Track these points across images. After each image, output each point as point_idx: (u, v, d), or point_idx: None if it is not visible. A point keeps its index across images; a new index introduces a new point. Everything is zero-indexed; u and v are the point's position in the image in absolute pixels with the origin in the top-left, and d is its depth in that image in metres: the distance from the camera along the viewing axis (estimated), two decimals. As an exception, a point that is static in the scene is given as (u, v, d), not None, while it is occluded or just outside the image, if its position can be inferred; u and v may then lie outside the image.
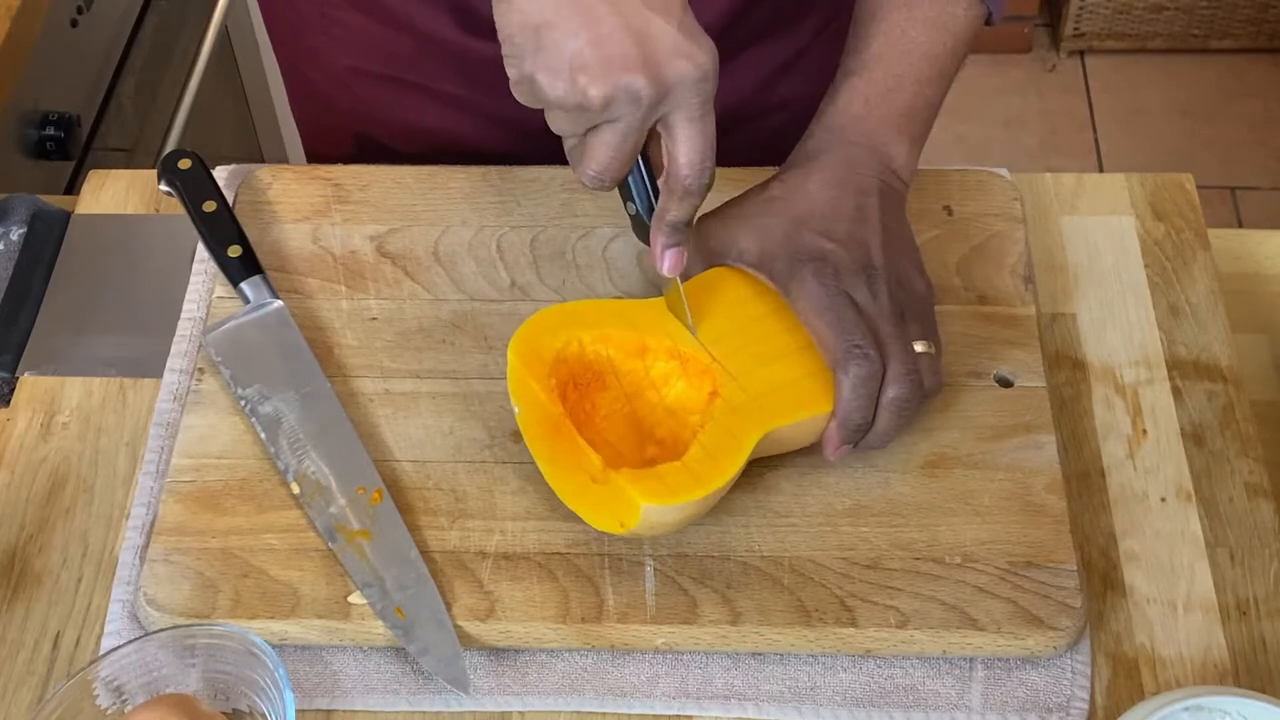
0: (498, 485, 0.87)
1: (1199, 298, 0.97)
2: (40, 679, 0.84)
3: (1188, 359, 0.94)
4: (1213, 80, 2.77)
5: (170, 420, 0.92)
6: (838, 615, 0.81)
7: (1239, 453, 0.90)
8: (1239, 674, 0.82)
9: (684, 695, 0.82)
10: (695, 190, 0.81)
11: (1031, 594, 0.82)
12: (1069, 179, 1.04)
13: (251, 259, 0.96)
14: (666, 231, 0.83)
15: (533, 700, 0.82)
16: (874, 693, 0.81)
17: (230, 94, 1.95)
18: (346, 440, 0.88)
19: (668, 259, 0.84)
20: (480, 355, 0.93)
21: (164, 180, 1.00)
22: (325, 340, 0.94)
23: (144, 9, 1.69)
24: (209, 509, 0.86)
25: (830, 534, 0.84)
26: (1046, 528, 0.84)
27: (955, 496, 0.86)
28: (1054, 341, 0.96)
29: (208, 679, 0.80)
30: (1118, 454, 0.90)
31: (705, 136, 0.79)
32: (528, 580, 0.83)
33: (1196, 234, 1.01)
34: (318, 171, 1.03)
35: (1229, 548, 0.87)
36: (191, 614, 0.82)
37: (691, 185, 0.80)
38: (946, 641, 0.81)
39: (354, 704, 0.82)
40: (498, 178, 1.02)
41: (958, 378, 0.90)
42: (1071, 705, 0.80)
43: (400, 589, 0.82)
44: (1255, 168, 2.64)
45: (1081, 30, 2.78)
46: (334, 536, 0.84)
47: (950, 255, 0.96)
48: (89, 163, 1.52)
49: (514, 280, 0.97)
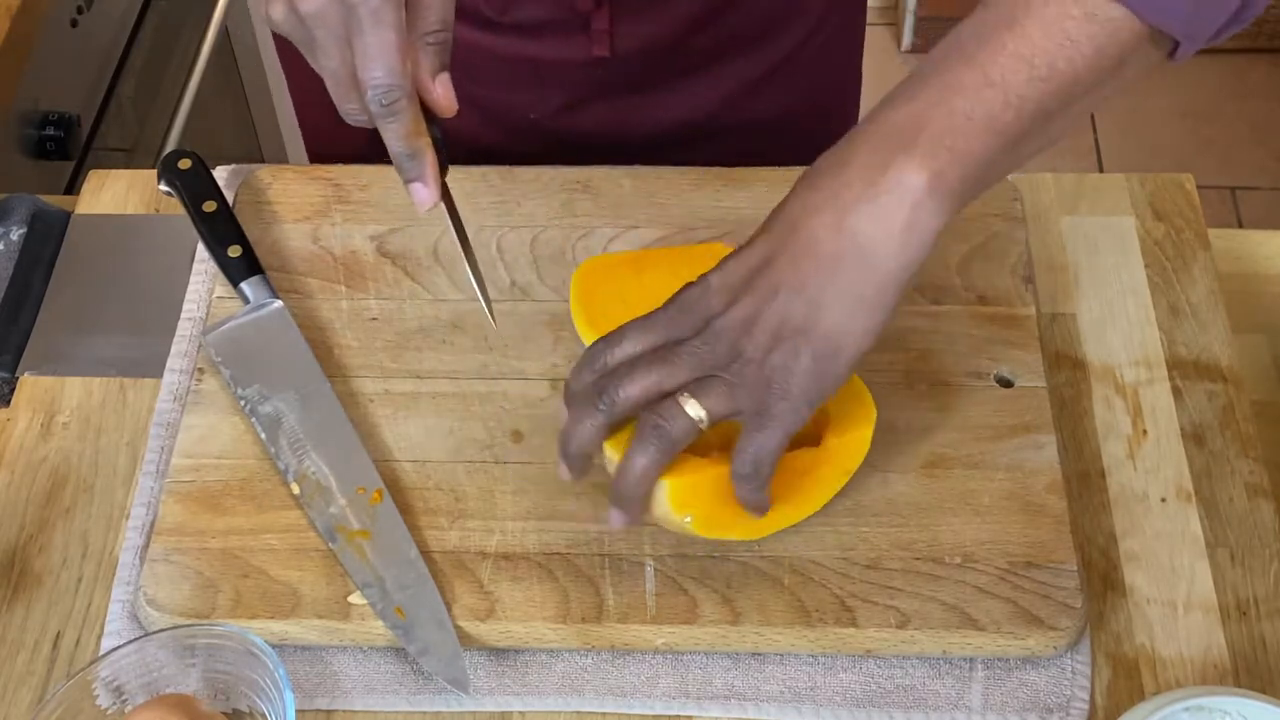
0: (498, 485, 0.87)
1: (1199, 298, 0.97)
2: (40, 679, 0.84)
3: (1188, 359, 0.94)
4: (1213, 80, 2.77)
5: (170, 420, 0.92)
6: (838, 615, 0.81)
7: (1239, 453, 0.90)
8: (1239, 674, 0.82)
9: (684, 695, 0.82)
10: (378, 114, 0.77)
11: (1031, 594, 0.82)
12: (1069, 179, 1.04)
13: (251, 259, 0.96)
14: (396, 166, 0.79)
15: (533, 700, 0.82)
16: (874, 693, 0.81)
17: (230, 94, 1.95)
18: (346, 440, 0.88)
19: (413, 195, 0.80)
20: (480, 355, 0.93)
21: (164, 180, 1.00)
22: (325, 340, 0.94)
23: (144, 9, 1.69)
24: (209, 509, 0.86)
25: (830, 534, 0.84)
26: (1046, 528, 0.84)
27: (955, 496, 0.86)
28: (1054, 341, 0.96)
29: (208, 679, 0.80)
30: (1118, 454, 0.90)
31: (368, 52, 0.75)
32: (528, 580, 0.83)
33: (1196, 234, 1.01)
34: (318, 171, 1.03)
35: (1229, 548, 0.87)
36: (191, 614, 0.82)
37: (373, 108, 0.77)
38: (946, 641, 0.81)
39: (354, 704, 0.82)
40: (497, 178, 1.02)
41: (957, 378, 0.90)
42: (1071, 705, 0.80)
43: (400, 589, 0.82)
44: (1255, 168, 2.64)
45: (1081, 30, 2.77)
46: (334, 536, 0.84)
47: (950, 255, 0.96)
48: (89, 163, 1.52)
49: (514, 280, 0.97)
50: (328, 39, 0.77)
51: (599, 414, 0.76)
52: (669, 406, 0.75)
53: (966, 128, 0.72)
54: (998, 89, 0.73)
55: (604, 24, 1.05)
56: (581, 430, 0.77)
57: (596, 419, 0.76)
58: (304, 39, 0.79)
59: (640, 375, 0.75)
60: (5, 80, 1.39)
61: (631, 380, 0.75)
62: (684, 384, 0.75)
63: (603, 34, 1.06)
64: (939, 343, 0.92)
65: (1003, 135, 0.73)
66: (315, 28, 0.77)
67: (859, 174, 0.73)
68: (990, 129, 0.73)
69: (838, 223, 0.73)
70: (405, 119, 0.78)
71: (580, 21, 1.05)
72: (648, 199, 1.00)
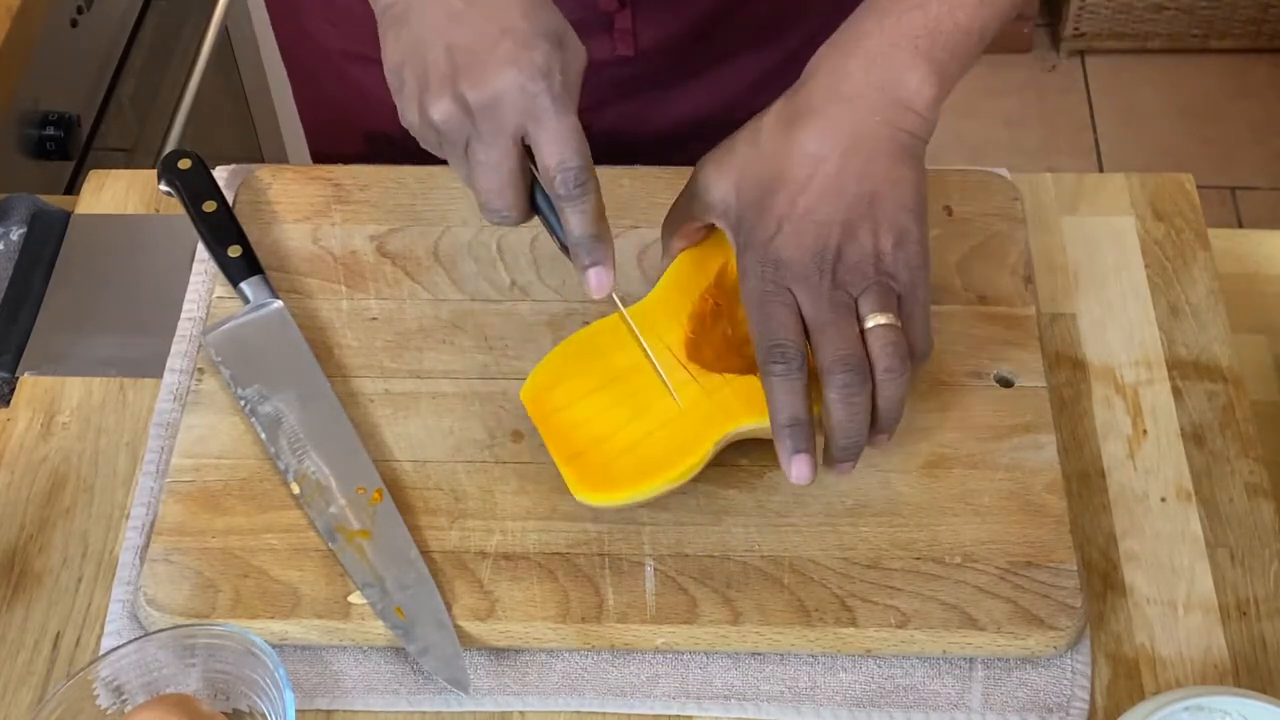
0: (498, 485, 0.87)
1: (1199, 298, 0.97)
2: (40, 679, 0.84)
3: (1188, 359, 0.94)
4: (1213, 80, 2.77)
5: (170, 420, 0.92)
6: (838, 615, 0.81)
7: (1239, 453, 0.90)
8: (1239, 674, 0.82)
9: (684, 695, 0.82)
10: (569, 196, 0.78)
11: (1031, 594, 0.82)
12: (1069, 179, 1.04)
13: (251, 259, 0.96)
14: (576, 250, 0.81)
15: (533, 700, 0.82)
16: (874, 693, 0.81)
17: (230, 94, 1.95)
18: (346, 440, 0.88)
19: (590, 279, 0.81)
20: (480, 355, 0.93)
21: (164, 180, 1.00)
22: (325, 340, 0.94)
23: (144, 9, 1.69)
24: (209, 509, 0.86)
25: (830, 534, 0.84)
26: (1046, 528, 0.84)
27: (955, 496, 0.86)
28: (1054, 341, 0.96)
29: (208, 679, 0.80)
30: (1118, 454, 0.90)
31: (559, 137, 0.77)
32: (528, 580, 0.83)
33: (1196, 234, 1.01)
34: (318, 171, 1.03)
35: (1229, 548, 0.87)
36: (191, 614, 0.82)
37: (561, 191, 0.78)
38: (946, 641, 0.81)
39: (354, 704, 0.82)
40: (498, 178, 1.02)
41: (958, 378, 0.90)
42: (1071, 705, 0.80)
43: (400, 589, 0.82)
44: (1255, 168, 2.64)
45: (1081, 30, 2.78)
46: (334, 536, 0.84)
47: (950, 255, 0.96)
48: (89, 163, 1.52)
49: (514, 280, 0.97)
50: (495, 131, 0.77)
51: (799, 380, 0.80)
52: (876, 334, 0.80)
53: None
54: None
55: (627, 23, 1.05)
56: (795, 397, 0.80)
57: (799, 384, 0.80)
58: (459, 135, 0.79)
59: (835, 329, 0.79)
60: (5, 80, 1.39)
61: (837, 332, 0.79)
62: (858, 312, 0.80)
63: (626, 33, 1.05)
64: (939, 342, 0.92)
65: None
66: (484, 120, 0.77)
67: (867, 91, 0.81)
68: None
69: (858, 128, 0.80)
70: (593, 201, 0.79)
71: (604, 22, 1.05)
72: (648, 199, 1.00)
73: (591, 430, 0.85)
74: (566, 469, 0.84)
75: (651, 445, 0.84)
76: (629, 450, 0.84)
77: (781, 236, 0.81)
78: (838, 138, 0.81)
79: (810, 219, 0.80)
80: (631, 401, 0.85)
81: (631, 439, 0.84)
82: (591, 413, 0.85)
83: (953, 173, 1.01)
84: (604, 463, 0.84)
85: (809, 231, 0.80)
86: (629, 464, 0.83)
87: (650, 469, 0.83)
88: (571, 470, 0.84)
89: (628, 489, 0.83)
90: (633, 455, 0.83)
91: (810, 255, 0.80)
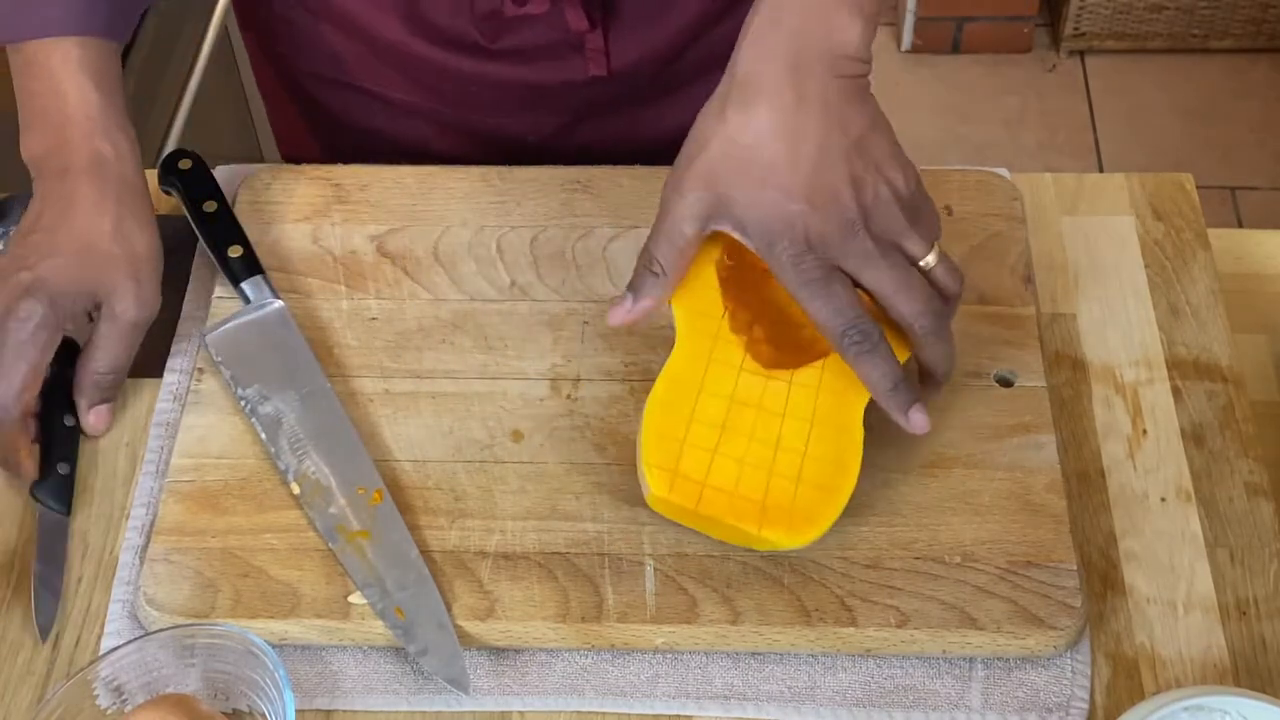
0: (497, 485, 0.87)
1: (1199, 298, 0.97)
2: (40, 679, 0.84)
3: (1188, 359, 0.94)
4: (1213, 80, 2.77)
5: (170, 420, 0.92)
6: (838, 615, 0.81)
7: (1239, 453, 0.90)
8: (1239, 674, 0.82)
9: (684, 695, 0.82)
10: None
11: (1031, 594, 0.82)
12: (1069, 179, 1.04)
13: (251, 259, 0.96)
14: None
15: (533, 700, 0.82)
16: (874, 693, 0.81)
17: (230, 94, 1.95)
18: (346, 440, 0.88)
19: None
20: (480, 355, 0.93)
21: (164, 180, 1.00)
22: (325, 340, 0.94)
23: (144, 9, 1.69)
24: (209, 509, 0.86)
25: (830, 533, 0.84)
26: (1046, 527, 0.84)
27: (955, 496, 0.86)
28: (1054, 341, 0.96)
29: (208, 679, 0.80)
30: (1118, 454, 0.90)
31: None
32: (528, 580, 0.83)
33: (1196, 234, 1.01)
34: (318, 171, 1.03)
35: (1229, 548, 0.87)
36: (191, 614, 0.82)
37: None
38: (946, 641, 0.81)
39: (354, 704, 0.82)
40: (497, 178, 1.02)
41: (958, 378, 0.90)
42: (1071, 705, 0.80)
43: (400, 589, 0.82)
44: (1255, 168, 2.64)
45: (1081, 30, 2.78)
46: (334, 536, 0.84)
47: (950, 255, 0.96)
48: (89, 163, 1.52)
49: (514, 280, 0.97)
50: None
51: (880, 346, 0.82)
52: (937, 272, 0.84)
53: None
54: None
55: (599, 44, 1.05)
56: (887, 363, 0.82)
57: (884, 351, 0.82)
58: None
59: (906, 286, 0.82)
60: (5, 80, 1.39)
61: (908, 288, 0.82)
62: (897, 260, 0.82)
63: (598, 53, 1.06)
64: (939, 342, 0.92)
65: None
66: None
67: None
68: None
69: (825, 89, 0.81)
70: None
71: (575, 43, 1.05)
72: (648, 199, 1.00)
73: (752, 483, 0.82)
74: (764, 532, 0.81)
75: (811, 464, 0.82)
76: (797, 479, 0.82)
77: (800, 219, 0.80)
78: (802, 117, 0.80)
79: (820, 189, 0.80)
80: (761, 435, 0.83)
81: (791, 468, 0.82)
82: (736, 469, 0.82)
83: (953, 173, 1.01)
84: (787, 505, 0.81)
85: (825, 204, 0.80)
86: (808, 493, 0.81)
87: (831, 483, 0.82)
88: (768, 530, 0.80)
89: (827, 512, 0.82)
90: (805, 483, 0.82)
91: (838, 225, 0.80)
